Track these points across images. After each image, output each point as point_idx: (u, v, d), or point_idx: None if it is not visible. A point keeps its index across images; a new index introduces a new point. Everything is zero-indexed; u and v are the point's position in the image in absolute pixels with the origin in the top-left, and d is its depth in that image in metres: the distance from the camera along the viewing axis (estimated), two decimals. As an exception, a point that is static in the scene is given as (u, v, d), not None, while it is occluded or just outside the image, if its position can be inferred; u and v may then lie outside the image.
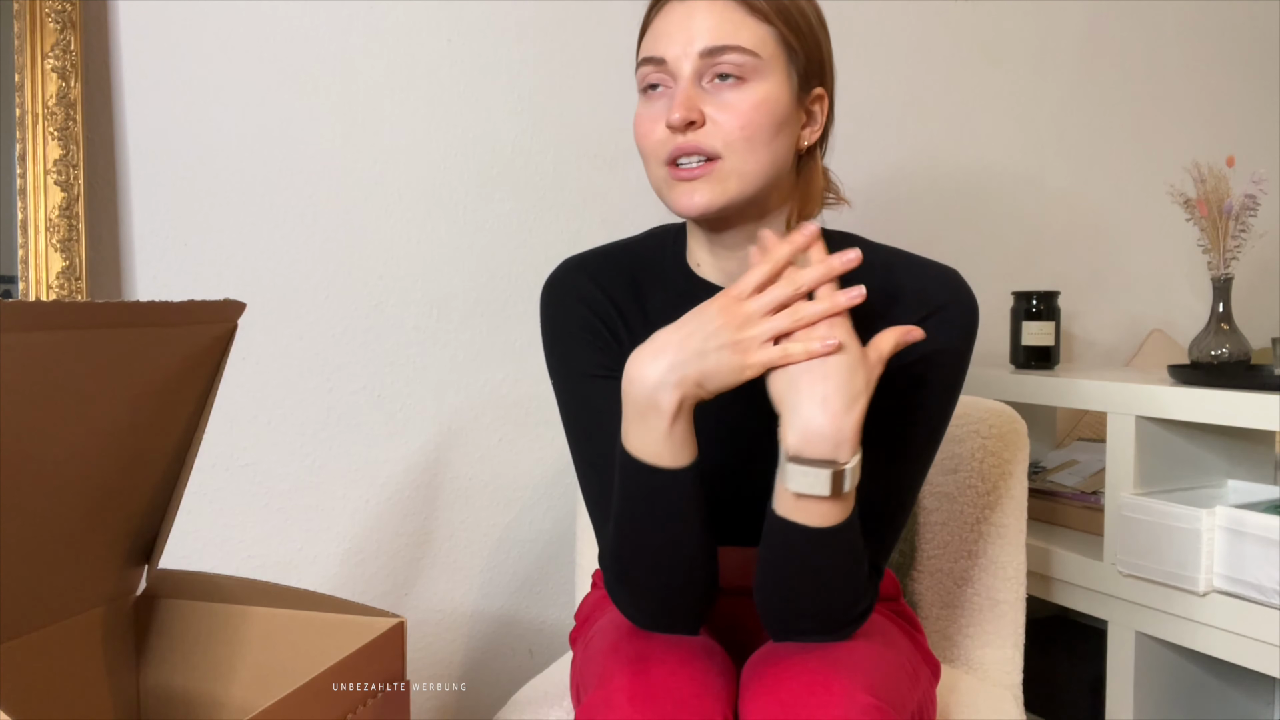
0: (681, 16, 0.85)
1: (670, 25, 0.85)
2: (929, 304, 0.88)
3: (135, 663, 1.01)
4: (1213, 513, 1.32)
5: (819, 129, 0.91)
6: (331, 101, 1.38)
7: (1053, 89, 2.01)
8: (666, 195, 0.87)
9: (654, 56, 0.86)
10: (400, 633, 0.90)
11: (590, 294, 0.94)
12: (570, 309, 0.94)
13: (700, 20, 0.84)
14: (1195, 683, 1.49)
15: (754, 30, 0.84)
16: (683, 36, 0.84)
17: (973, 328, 0.90)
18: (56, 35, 1.20)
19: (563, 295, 0.95)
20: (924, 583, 1.30)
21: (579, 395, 0.92)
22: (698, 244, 0.94)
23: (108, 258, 1.27)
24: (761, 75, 0.84)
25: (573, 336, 0.93)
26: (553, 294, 0.96)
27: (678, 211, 0.87)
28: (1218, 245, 1.56)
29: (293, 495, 1.38)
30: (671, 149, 0.84)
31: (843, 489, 0.76)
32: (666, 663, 0.81)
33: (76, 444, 0.82)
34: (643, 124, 0.87)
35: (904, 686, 0.85)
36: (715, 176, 0.84)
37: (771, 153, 0.85)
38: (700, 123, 0.83)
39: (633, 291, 0.95)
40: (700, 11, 0.84)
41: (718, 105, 0.83)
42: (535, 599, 1.55)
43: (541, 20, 1.50)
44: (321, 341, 1.39)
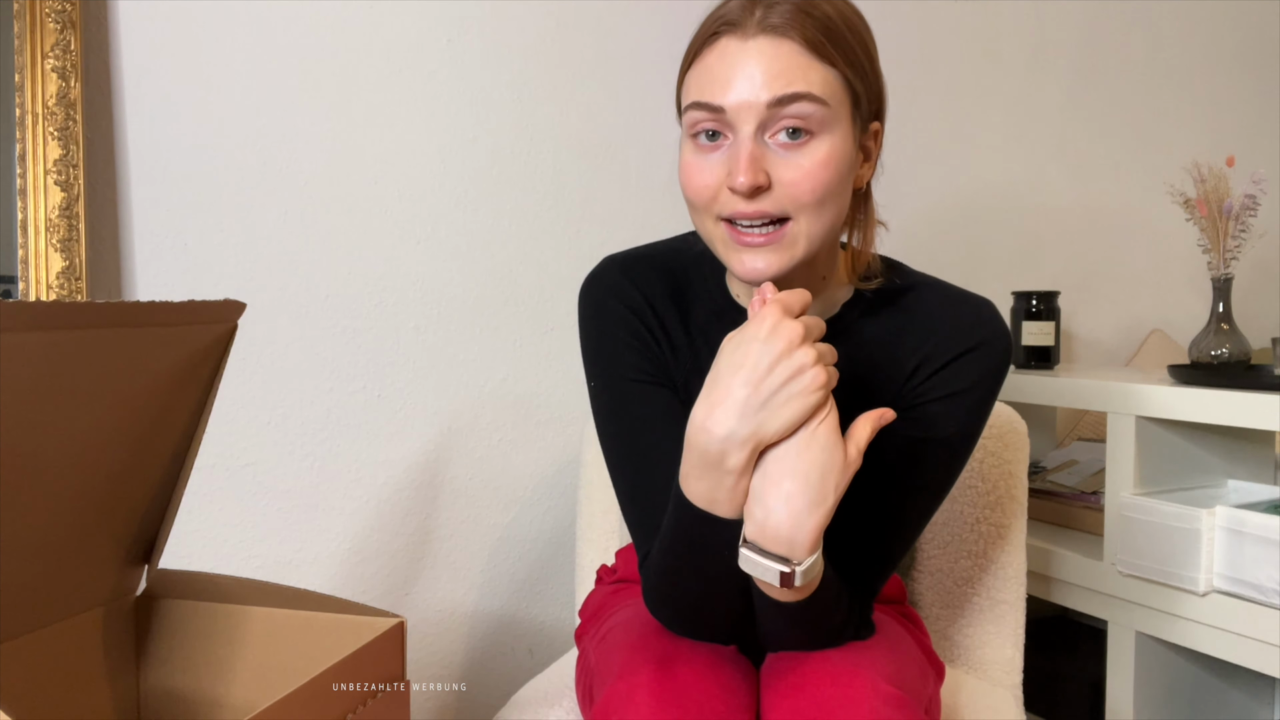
0: (743, 57, 0.76)
1: (730, 68, 0.77)
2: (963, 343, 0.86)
3: (135, 663, 1.01)
4: (1213, 513, 1.32)
5: (874, 163, 0.88)
6: (331, 101, 1.38)
7: (1053, 89, 2.01)
8: (724, 255, 0.82)
9: (710, 104, 0.77)
10: (400, 633, 0.90)
11: (633, 297, 0.91)
12: (613, 310, 0.92)
13: (766, 64, 0.76)
14: (1195, 683, 1.49)
15: (821, 75, 0.77)
16: (746, 84, 0.76)
17: (1003, 368, 0.88)
18: (56, 35, 1.20)
19: (605, 295, 0.93)
20: (924, 583, 1.30)
21: (619, 398, 0.91)
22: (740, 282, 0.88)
23: (108, 258, 1.27)
24: (828, 127, 0.77)
25: (615, 338, 0.91)
26: (595, 292, 0.94)
27: (739, 276, 0.81)
28: (1218, 245, 1.56)
29: (293, 495, 1.38)
30: (732, 211, 0.79)
31: (793, 584, 0.74)
32: (693, 664, 0.81)
33: (76, 444, 0.82)
34: (697, 175, 0.80)
35: (919, 680, 0.86)
36: (784, 242, 0.79)
37: (838, 207, 0.81)
38: (766, 186, 0.77)
39: (675, 302, 0.92)
40: (765, 54, 0.76)
41: (785, 165, 0.77)
42: (535, 599, 1.55)
43: (541, 20, 1.50)
44: (321, 341, 1.39)
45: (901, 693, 0.78)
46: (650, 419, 0.89)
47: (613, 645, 0.89)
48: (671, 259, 0.95)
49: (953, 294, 0.90)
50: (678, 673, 0.80)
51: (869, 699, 0.76)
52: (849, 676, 0.78)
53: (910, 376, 0.87)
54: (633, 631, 0.89)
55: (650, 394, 0.89)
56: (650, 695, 0.78)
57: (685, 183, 0.82)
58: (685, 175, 0.81)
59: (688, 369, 0.92)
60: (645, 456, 0.88)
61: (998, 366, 0.87)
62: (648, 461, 0.88)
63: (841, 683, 0.77)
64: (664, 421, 0.88)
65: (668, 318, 0.92)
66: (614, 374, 0.91)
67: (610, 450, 0.92)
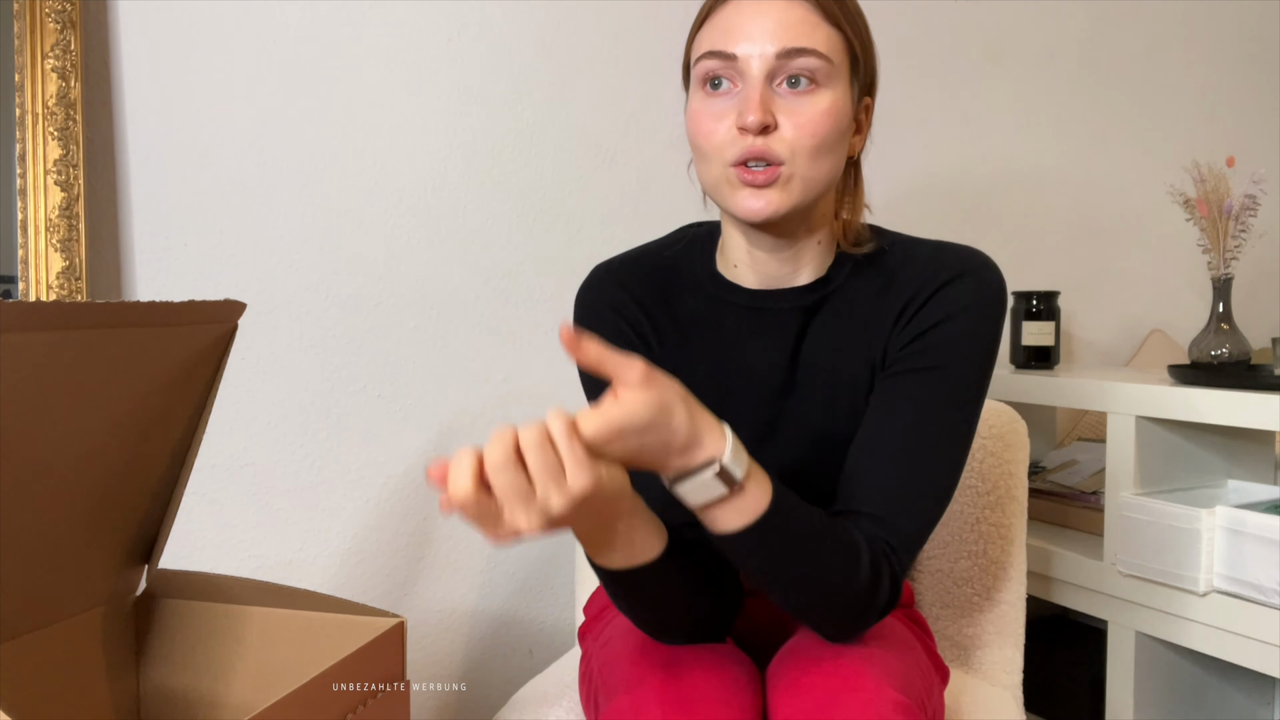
0: (755, 12, 0.82)
1: (743, 20, 0.82)
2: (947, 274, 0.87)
3: (135, 663, 1.01)
4: (1213, 513, 1.32)
5: (865, 136, 0.92)
6: (331, 101, 1.38)
7: (1053, 89, 2.01)
8: (726, 196, 0.84)
9: (723, 51, 0.82)
10: (400, 633, 0.90)
11: (621, 301, 0.94)
12: (601, 316, 0.94)
13: (777, 18, 0.81)
14: (1195, 683, 1.49)
15: (828, 35, 0.82)
16: (758, 33, 0.81)
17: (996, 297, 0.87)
18: (56, 35, 1.20)
19: (594, 302, 0.95)
20: (924, 583, 1.30)
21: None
22: (735, 246, 0.92)
23: (108, 258, 1.27)
24: (831, 82, 0.82)
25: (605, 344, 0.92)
26: (584, 301, 0.96)
27: (738, 214, 0.84)
28: (1218, 245, 1.56)
29: (293, 495, 1.38)
30: (741, 150, 0.81)
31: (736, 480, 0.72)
32: (698, 669, 0.81)
33: (76, 444, 0.82)
34: (704, 121, 0.84)
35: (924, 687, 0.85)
36: (781, 183, 0.82)
37: (833, 161, 0.84)
38: (773, 127, 0.81)
39: (663, 298, 0.94)
40: (777, 9, 0.81)
41: (789, 111, 0.81)
42: (535, 599, 1.55)
43: (542, 20, 1.50)
44: (321, 341, 1.39)
45: (908, 699, 0.77)
46: None
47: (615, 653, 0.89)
48: (660, 256, 0.97)
49: (939, 244, 0.91)
50: (684, 678, 0.80)
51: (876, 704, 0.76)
52: (857, 680, 0.77)
53: (897, 319, 0.88)
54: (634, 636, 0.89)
55: None
56: (658, 704, 0.78)
57: (694, 129, 0.85)
58: (694, 122, 0.85)
59: (675, 359, 0.93)
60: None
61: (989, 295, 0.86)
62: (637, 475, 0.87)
63: (850, 686, 0.77)
64: None
65: (657, 315, 0.94)
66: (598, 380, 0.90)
67: None
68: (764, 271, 0.91)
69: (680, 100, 0.91)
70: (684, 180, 1.59)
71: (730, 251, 0.93)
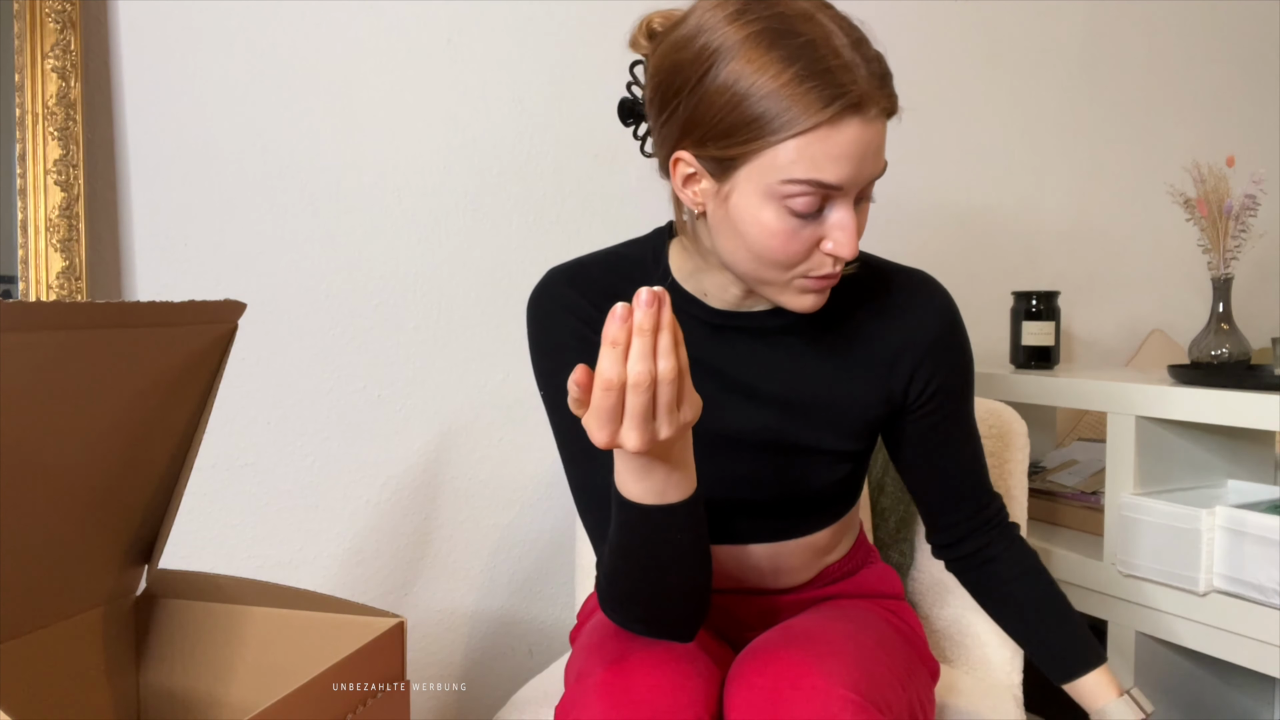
0: (864, 141, 0.77)
1: (854, 149, 0.77)
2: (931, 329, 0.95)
3: (135, 663, 1.01)
4: (1213, 513, 1.32)
5: None
6: (331, 101, 1.38)
7: (1053, 89, 2.01)
8: (779, 294, 0.85)
9: (827, 183, 0.77)
10: (400, 633, 0.90)
11: (577, 304, 0.92)
12: (558, 320, 0.92)
13: (877, 146, 0.79)
14: (1195, 683, 1.48)
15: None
16: (864, 166, 0.78)
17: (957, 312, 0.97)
18: (56, 35, 1.20)
19: (550, 307, 0.93)
20: (924, 582, 1.30)
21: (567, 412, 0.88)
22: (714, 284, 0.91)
23: (108, 258, 1.27)
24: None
25: (562, 348, 0.91)
26: (539, 306, 0.94)
27: (799, 311, 0.85)
28: (1218, 245, 1.56)
29: (293, 495, 1.38)
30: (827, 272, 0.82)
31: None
32: (645, 662, 0.82)
33: (76, 444, 0.82)
34: (790, 243, 0.80)
35: (892, 685, 0.85)
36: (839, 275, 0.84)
37: None
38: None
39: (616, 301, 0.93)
40: (879, 132, 0.79)
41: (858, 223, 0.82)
42: (535, 599, 1.55)
43: (542, 20, 1.50)
44: (321, 341, 1.39)
45: (859, 697, 0.78)
46: None
47: (579, 648, 0.91)
48: (618, 264, 0.95)
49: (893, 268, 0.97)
50: (628, 671, 0.81)
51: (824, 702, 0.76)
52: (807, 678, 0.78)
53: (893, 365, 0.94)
54: (596, 634, 0.91)
55: None
56: (599, 695, 0.79)
57: (770, 246, 0.80)
58: (774, 240, 0.80)
59: None
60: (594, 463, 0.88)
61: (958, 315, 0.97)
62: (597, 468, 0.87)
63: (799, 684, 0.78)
64: None
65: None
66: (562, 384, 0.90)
67: (564, 456, 0.92)
68: (733, 302, 0.92)
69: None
70: (684, 180, 1.59)
71: (704, 282, 0.92)
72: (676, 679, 0.81)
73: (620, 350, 0.66)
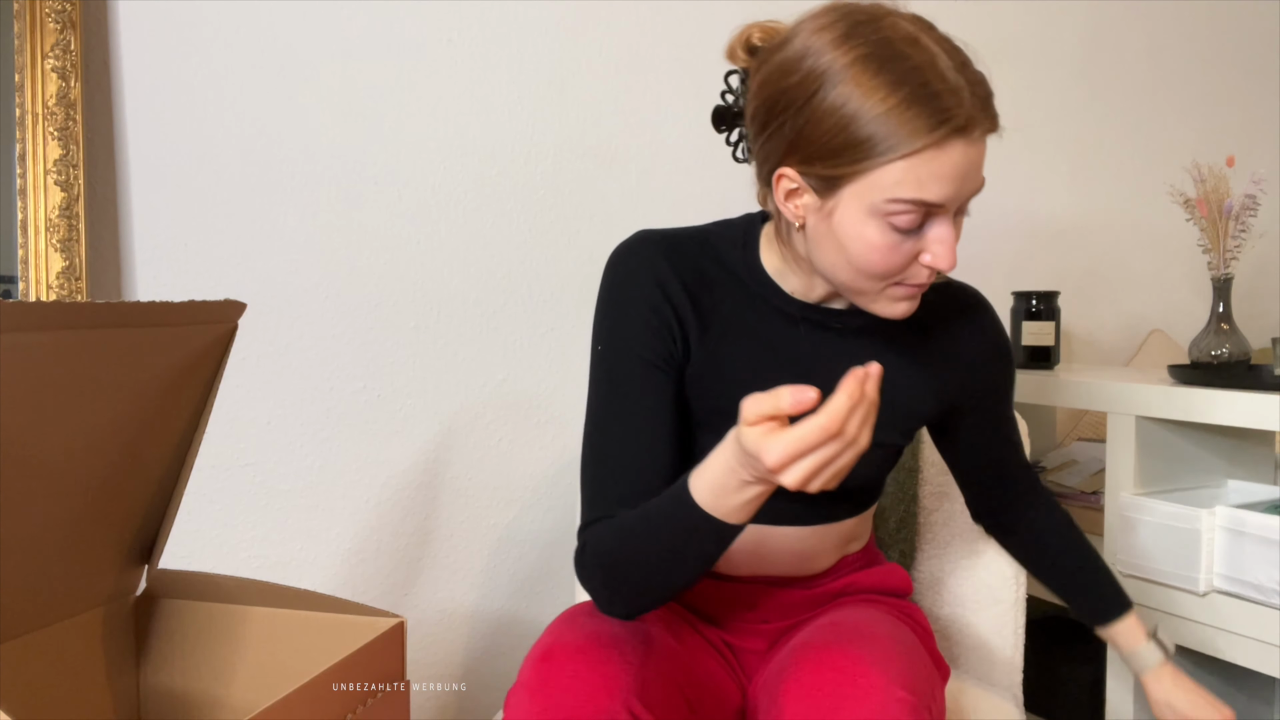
0: (969, 161, 0.80)
1: (958, 169, 0.79)
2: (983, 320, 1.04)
3: (135, 663, 1.01)
4: (1213, 513, 1.32)
5: None
6: (331, 101, 1.38)
7: (1053, 89, 2.01)
8: (874, 300, 0.87)
9: (930, 202, 0.79)
10: (400, 633, 0.90)
11: (664, 274, 0.92)
12: (642, 285, 0.92)
13: (977, 161, 0.82)
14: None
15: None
16: (966, 185, 0.81)
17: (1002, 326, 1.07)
18: (56, 35, 1.20)
19: (636, 269, 0.93)
20: (924, 582, 1.30)
21: (623, 370, 0.91)
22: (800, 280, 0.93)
23: (108, 258, 1.27)
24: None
25: (637, 315, 0.91)
26: (625, 264, 0.93)
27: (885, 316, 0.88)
28: (1218, 245, 1.56)
29: (293, 495, 1.38)
30: (924, 281, 0.85)
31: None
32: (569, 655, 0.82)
33: (76, 444, 0.82)
34: (892, 257, 0.82)
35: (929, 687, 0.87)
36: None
37: None
38: None
39: (705, 282, 0.94)
40: (980, 154, 0.82)
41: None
42: (535, 599, 1.55)
43: (542, 20, 1.50)
44: (321, 341, 1.39)
45: (914, 699, 0.79)
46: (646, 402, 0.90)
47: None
48: (703, 238, 0.96)
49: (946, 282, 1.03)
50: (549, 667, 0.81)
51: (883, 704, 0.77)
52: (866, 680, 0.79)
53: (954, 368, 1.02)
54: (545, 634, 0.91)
55: (654, 377, 0.91)
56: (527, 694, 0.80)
57: (872, 260, 0.83)
58: (874, 255, 0.82)
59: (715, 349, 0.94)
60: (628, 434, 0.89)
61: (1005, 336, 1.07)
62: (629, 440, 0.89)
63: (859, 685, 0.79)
64: (657, 408, 0.91)
65: (702, 301, 0.93)
66: (625, 347, 0.91)
67: (595, 413, 0.93)
68: (817, 297, 0.95)
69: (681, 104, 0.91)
70: (684, 180, 1.59)
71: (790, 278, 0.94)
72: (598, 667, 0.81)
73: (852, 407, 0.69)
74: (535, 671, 0.82)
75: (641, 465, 0.88)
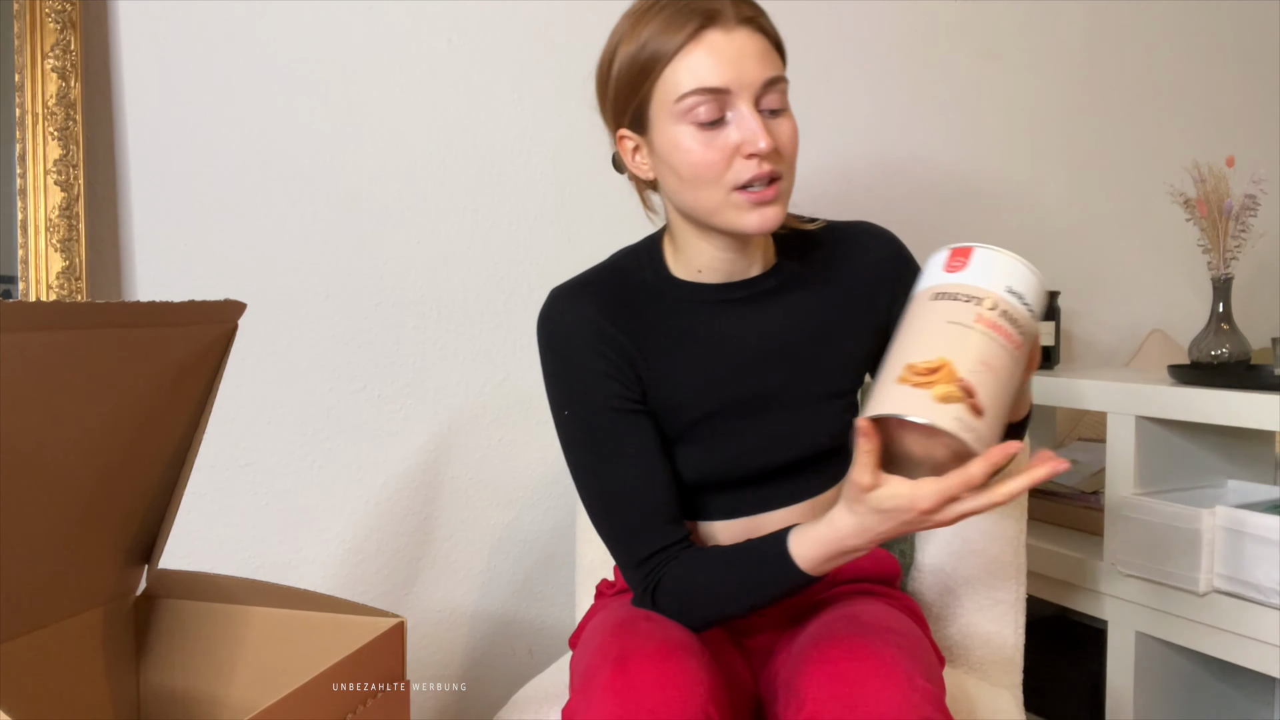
0: (734, 48, 0.88)
1: (724, 56, 0.87)
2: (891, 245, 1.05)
3: (135, 663, 1.01)
4: (1213, 513, 1.32)
5: None
6: (332, 101, 1.38)
7: (1053, 88, 2.01)
8: (730, 218, 0.91)
9: (716, 87, 0.87)
10: (400, 633, 0.90)
11: (597, 322, 0.97)
12: (579, 340, 0.96)
13: (753, 51, 0.88)
14: (1195, 683, 1.48)
15: (779, 61, 0.92)
16: (743, 67, 0.88)
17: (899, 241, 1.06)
18: (56, 35, 1.20)
19: (569, 327, 0.97)
20: (924, 582, 1.30)
21: (600, 427, 0.96)
22: (700, 253, 0.98)
23: (108, 258, 1.27)
24: (788, 105, 0.92)
25: (589, 369, 0.96)
26: (556, 328, 0.98)
27: (747, 231, 0.91)
28: (1218, 245, 1.56)
29: (293, 495, 1.38)
30: (750, 176, 0.89)
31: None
32: (648, 660, 0.83)
33: (76, 444, 0.82)
34: (705, 153, 0.89)
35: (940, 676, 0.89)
36: (780, 196, 0.91)
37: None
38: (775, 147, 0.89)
39: (629, 311, 0.98)
40: (749, 42, 0.88)
41: (775, 133, 0.89)
42: (535, 599, 1.55)
43: (542, 20, 1.50)
44: (321, 341, 1.39)
45: (934, 688, 0.82)
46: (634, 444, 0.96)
47: (581, 651, 0.93)
48: (611, 273, 1.02)
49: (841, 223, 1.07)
50: (631, 671, 0.82)
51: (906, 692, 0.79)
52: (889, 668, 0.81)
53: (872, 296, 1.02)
54: (598, 634, 0.92)
55: (629, 420, 0.96)
56: (608, 694, 0.81)
57: (689, 162, 0.90)
58: (691, 156, 0.89)
59: (663, 365, 0.98)
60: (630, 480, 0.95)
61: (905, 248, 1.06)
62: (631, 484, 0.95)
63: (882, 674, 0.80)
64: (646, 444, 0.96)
65: (633, 328, 0.97)
66: (590, 402, 0.96)
67: (588, 472, 0.97)
68: (727, 270, 0.99)
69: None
70: (684, 180, 1.59)
71: (694, 259, 0.99)
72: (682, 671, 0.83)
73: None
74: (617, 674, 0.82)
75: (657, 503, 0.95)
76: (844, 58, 1.76)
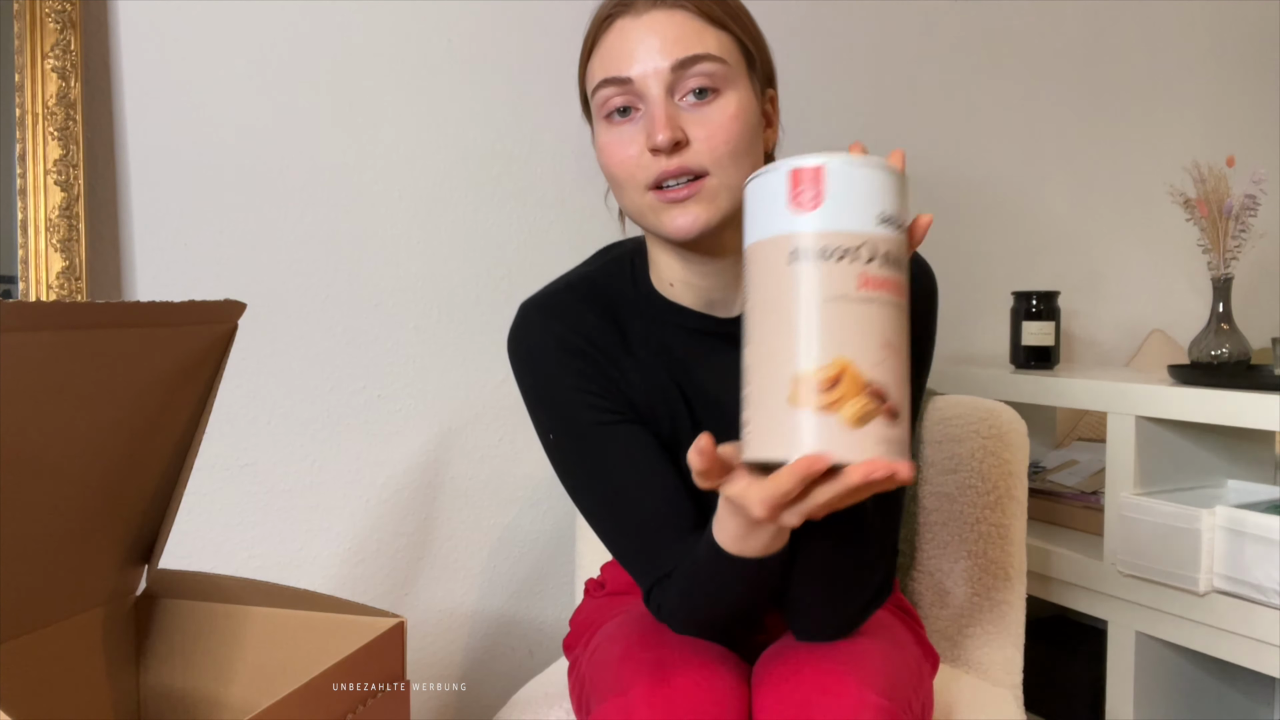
0: (640, 31, 0.81)
1: (630, 41, 0.81)
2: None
3: (135, 663, 1.01)
4: (1213, 513, 1.32)
5: (776, 130, 0.90)
6: (332, 102, 1.38)
7: (1053, 89, 2.01)
8: (653, 221, 0.83)
9: (617, 77, 0.81)
10: (400, 633, 0.90)
11: (566, 337, 0.90)
12: (552, 356, 0.90)
13: (662, 33, 0.80)
14: (1195, 683, 1.49)
15: (716, 37, 0.81)
16: (648, 51, 0.80)
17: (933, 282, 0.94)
18: (56, 35, 1.20)
19: (542, 347, 0.91)
20: (924, 583, 1.30)
21: (587, 444, 0.89)
22: (669, 265, 0.90)
23: (108, 258, 1.27)
24: (731, 84, 0.81)
25: (563, 384, 0.89)
26: (528, 345, 0.92)
27: (671, 236, 0.83)
28: (1218, 245, 1.56)
29: (293, 495, 1.38)
30: (657, 173, 0.80)
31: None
32: (686, 672, 0.81)
33: (76, 444, 0.82)
34: (616, 150, 0.83)
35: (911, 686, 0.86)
36: (705, 195, 0.81)
37: (752, 162, 0.83)
38: (685, 142, 0.80)
39: (609, 325, 0.92)
40: (660, 23, 0.80)
41: (698, 122, 0.80)
42: (535, 599, 1.55)
43: (542, 20, 1.50)
44: (321, 341, 1.39)
45: (890, 704, 0.78)
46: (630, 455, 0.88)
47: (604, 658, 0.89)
48: (588, 282, 0.94)
49: None
50: (672, 681, 0.80)
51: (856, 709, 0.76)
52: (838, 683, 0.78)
53: None
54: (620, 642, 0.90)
55: (620, 430, 0.89)
56: (646, 706, 0.78)
57: (606, 161, 0.84)
58: (605, 154, 0.84)
59: (646, 386, 0.91)
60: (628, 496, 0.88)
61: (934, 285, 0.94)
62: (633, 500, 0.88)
63: (830, 689, 0.78)
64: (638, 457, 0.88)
65: (608, 342, 0.91)
66: (577, 418, 0.89)
67: (586, 496, 0.91)
68: (701, 289, 0.90)
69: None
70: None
71: (664, 272, 0.91)
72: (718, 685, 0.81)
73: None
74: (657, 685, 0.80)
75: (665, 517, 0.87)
76: (844, 59, 1.76)
